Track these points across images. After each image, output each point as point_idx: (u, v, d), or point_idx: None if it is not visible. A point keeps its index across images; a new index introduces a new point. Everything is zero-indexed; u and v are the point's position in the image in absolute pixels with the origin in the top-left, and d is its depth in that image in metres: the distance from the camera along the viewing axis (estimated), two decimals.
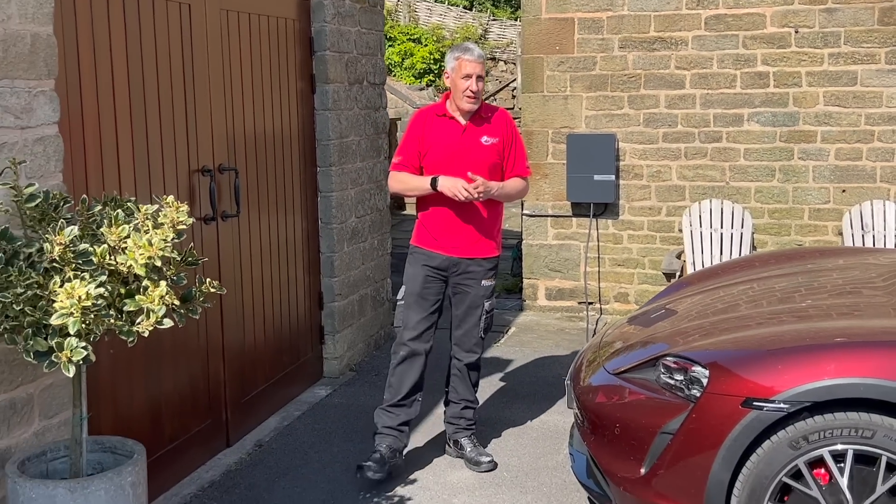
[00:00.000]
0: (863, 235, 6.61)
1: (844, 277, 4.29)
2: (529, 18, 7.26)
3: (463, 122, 4.36)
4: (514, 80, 16.16)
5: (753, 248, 6.89)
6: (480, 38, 18.04)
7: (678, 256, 6.78)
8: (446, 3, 20.19)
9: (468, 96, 4.29)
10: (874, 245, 6.51)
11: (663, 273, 6.47)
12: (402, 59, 17.79)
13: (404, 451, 4.42)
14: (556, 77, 7.24)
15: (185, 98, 4.27)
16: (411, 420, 4.43)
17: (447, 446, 4.59)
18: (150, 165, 4.03)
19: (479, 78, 4.33)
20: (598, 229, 7.29)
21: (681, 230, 6.99)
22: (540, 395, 5.44)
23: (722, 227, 6.83)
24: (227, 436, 4.68)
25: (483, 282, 4.41)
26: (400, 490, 4.18)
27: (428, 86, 17.62)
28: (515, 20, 18.66)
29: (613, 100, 7.14)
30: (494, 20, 18.69)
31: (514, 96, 16.25)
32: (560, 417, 5.02)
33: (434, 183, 4.24)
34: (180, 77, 4.24)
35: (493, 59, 17.93)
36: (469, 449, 4.47)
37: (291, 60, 5.34)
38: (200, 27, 4.39)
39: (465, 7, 19.84)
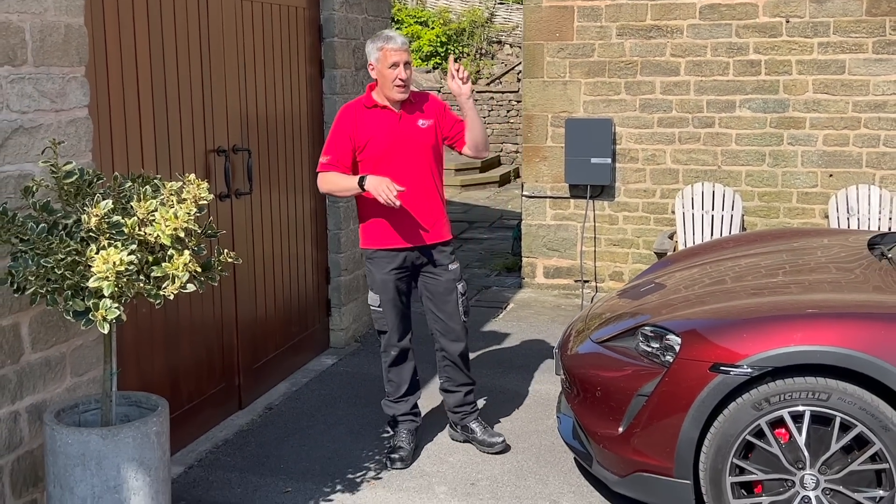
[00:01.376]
0: (848, 218, 6.88)
1: (828, 255, 4.56)
2: (531, 6, 7.52)
3: (397, 110, 4.28)
4: (520, 63, 16.37)
5: (743, 229, 7.16)
6: (487, 22, 18.24)
7: (670, 237, 7.07)
8: None
9: (398, 85, 4.19)
10: (859, 228, 6.78)
11: (655, 253, 6.76)
12: (409, 42, 18.05)
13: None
14: (556, 63, 7.51)
15: (202, 83, 4.57)
16: (419, 398, 4.61)
17: (452, 431, 4.60)
18: (170, 145, 4.33)
19: (407, 65, 4.21)
20: (594, 210, 7.57)
21: (674, 212, 7.27)
22: (534, 365, 5.75)
23: (713, 210, 7.11)
24: (239, 399, 5.01)
25: (450, 266, 4.38)
26: None
27: (434, 68, 17.85)
28: (521, 3, 18.85)
29: (611, 86, 7.40)
30: (501, 3, 18.88)
31: (518, 80, 16.47)
32: (552, 387, 5.33)
33: (361, 182, 4.11)
34: (198, 63, 4.53)
35: (499, 42, 18.14)
36: (479, 431, 4.49)
37: (301, 47, 5.63)
38: (217, 15, 4.67)
39: None
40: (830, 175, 7.07)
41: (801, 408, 3.36)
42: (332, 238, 6.06)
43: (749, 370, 3.38)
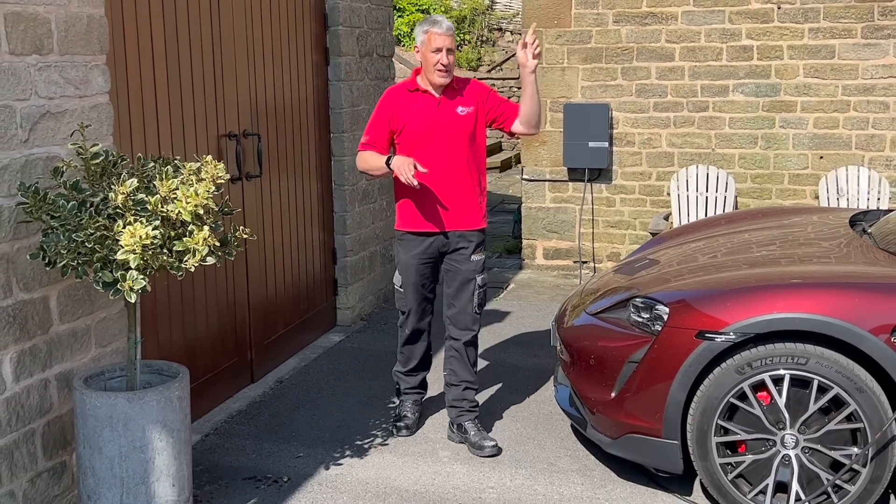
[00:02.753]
0: (838, 199, 7.09)
1: (813, 232, 4.77)
2: None
3: (437, 95, 4.32)
4: None
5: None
6: (487, 10, 18.40)
7: (666, 218, 7.28)
8: None
9: (440, 70, 4.23)
10: (848, 207, 6.97)
11: (650, 233, 6.96)
12: (411, 30, 18.19)
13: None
14: (555, 50, 7.71)
15: (214, 70, 4.78)
16: (427, 373, 4.73)
17: (450, 431, 4.51)
18: (184, 130, 4.55)
19: (450, 51, 4.24)
20: (592, 193, 7.79)
21: (669, 194, 7.48)
22: (534, 342, 5.98)
23: (707, 191, 7.32)
24: (251, 373, 5.24)
25: (473, 256, 4.38)
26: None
27: None
28: None
29: (607, 71, 7.61)
30: None
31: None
32: (550, 360, 5.54)
33: (388, 162, 4.22)
34: (210, 51, 4.74)
35: (500, 29, 18.31)
36: (473, 433, 4.38)
37: (307, 35, 5.84)
38: (227, 5, 4.88)
39: None
40: (821, 157, 7.27)
41: (781, 371, 3.58)
42: (337, 220, 6.28)
43: (733, 336, 3.60)
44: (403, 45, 17.83)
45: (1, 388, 3.31)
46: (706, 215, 7.21)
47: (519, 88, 15.71)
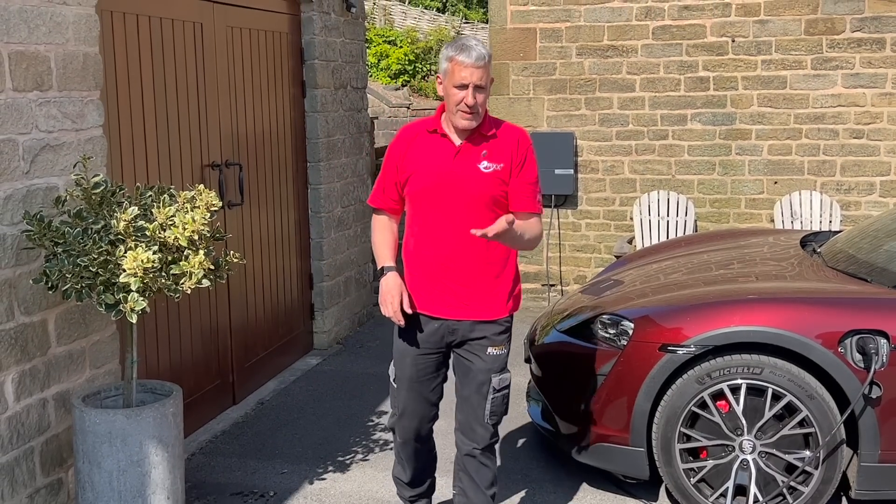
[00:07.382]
0: (792, 222, 7.43)
1: (768, 252, 5.07)
2: (496, 28, 8.04)
3: (458, 141, 3.34)
4: None
5: None
6: (453, 41, 18.82)
7: (629, 242, 7.58)
8: (420, 6, 21.08)
9: (463, 111, 3.25)
10: (802, 229, 7.31)
11: (615, 256, 7.25)
12: (378, 61, 18.51)
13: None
14: (521, 81, 8.01)
15: (198, 103, 5.00)
16: (435, 475, 3.89)
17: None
18: (170, 160, 4.75)
19: (480, 88, 3.24)
20: (559, 218, 8.07)
21: (632, 218, 7.79)
22: None
23: (668, 216, 7.64)
24: (233, 395, 5.42)
25: (490, 350, 3.40)
26: (382, 436, 4.93)
27: (403, 86, 18.34)
28: (487, 22, 19.40)
29: (572, 102, 7.92)
30: (467, 22, 19.49)
31: None
32: (521, 379, 5.77)
33: (381, 273, 3.44)
34: (194, 85, 4.96)
35: None
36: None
37: (285, 69, 6.07)
38: (210, 42, 5.11)
39: (438, 10, 20.73)
40: (775, 182, 7.63)
41: (738, 381, 3.85)
42: (314, 246, 6.49)
43: (693, 349, 3.86)
44: (371, 76, 18.15)
45: (3, 408, 3.48)
46: (667, 238, 7.52)
47: None
